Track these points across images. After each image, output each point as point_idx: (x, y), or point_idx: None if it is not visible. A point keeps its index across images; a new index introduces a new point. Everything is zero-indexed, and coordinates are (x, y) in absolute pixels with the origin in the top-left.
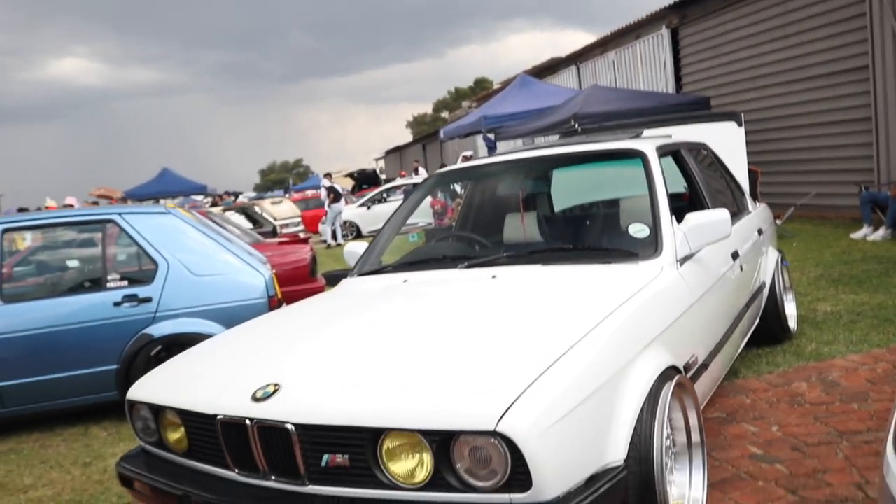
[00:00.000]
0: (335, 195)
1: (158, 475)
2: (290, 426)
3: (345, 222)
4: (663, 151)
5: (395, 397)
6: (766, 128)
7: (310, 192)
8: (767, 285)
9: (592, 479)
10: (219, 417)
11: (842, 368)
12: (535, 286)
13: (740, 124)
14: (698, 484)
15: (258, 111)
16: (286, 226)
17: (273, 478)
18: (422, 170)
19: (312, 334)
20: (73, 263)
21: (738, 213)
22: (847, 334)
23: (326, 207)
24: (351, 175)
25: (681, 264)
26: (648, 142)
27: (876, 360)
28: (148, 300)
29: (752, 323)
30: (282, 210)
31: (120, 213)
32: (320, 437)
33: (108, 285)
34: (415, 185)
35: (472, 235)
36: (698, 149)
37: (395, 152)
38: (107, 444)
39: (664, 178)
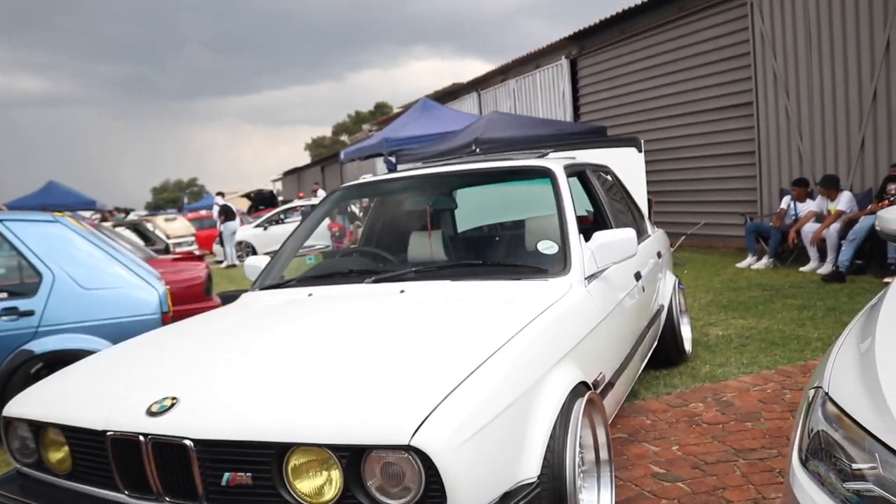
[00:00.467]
0: (227, 214)
1: (35, 499)
2: (188, 442)
3: (240, 243)
4: (570, 171)
5: (302, 411)
6: (658, 158)
7: (204, 212)
8: (665, 308)
9: (506, 497)
10: (109, 434)
11: (735, 389)
12: (445, 301)
13: (640, 150)
14: (606, 502)
15: (152, 127)
16: (180, 244)
17: (167, 499)
18: (321, 192)
19: (213, 348)
20: None
21: (639, 235)
22: (738, 357)
23: (219, 227)
24: (247, 195)
25: (588, 282)
26: (556, 161)
27: (765, 380)
28: (29, 313)
29: (652, 344)
30: (175, 227)
31: (1, 221)
32: (221, 453)
33: None
34: (313, 206)
35: (378, 251)
36: (602, 171)
37: (294, 174)
38: None
39: (572, 196)
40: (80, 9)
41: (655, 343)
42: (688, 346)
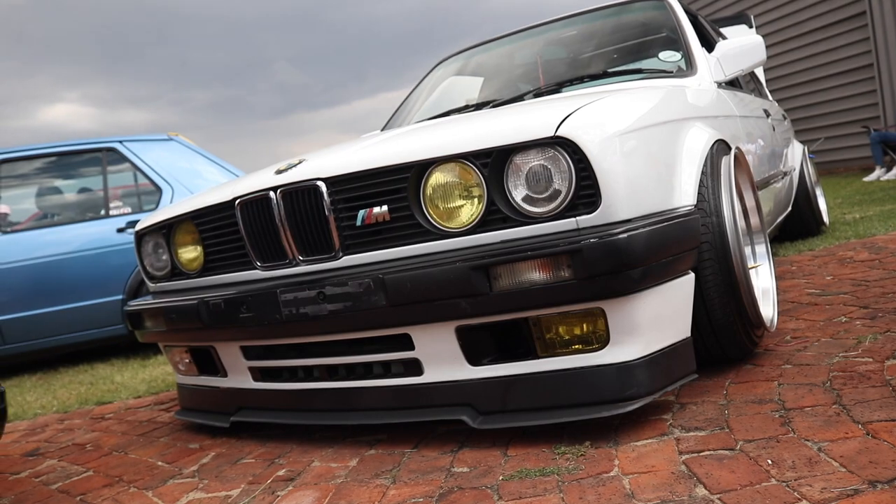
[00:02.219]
0: None
1: (173, 301)
2: (319, 183)
3: None
4: (683, 6)
5: (439, 135)
6: (769, 88)
7: None
8: (797, 172)
9: (663, 214)
10: (238, 201)
11: (886, 240)
12: (571, 96)
13: (751, 26)
14: (766, 273)
15: (248, 147)
16: None
17: (301, 259)
18: None
19: (339, 144)
20: (73, 192)
21: (761, 96)
22: (882, 223)
23: None
24: None
25: (718, 87)
26: None
27: None
28: None
29: (787, 205)
30: None
31: (121, 141)
32: (355, 190)
33: (112, 213)
34: None
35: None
36: (716, 30)
37: None
38: (114, 372)
39: (688, 18)
40: (168, 40)
41: (790, 209)
42: (825, 218)
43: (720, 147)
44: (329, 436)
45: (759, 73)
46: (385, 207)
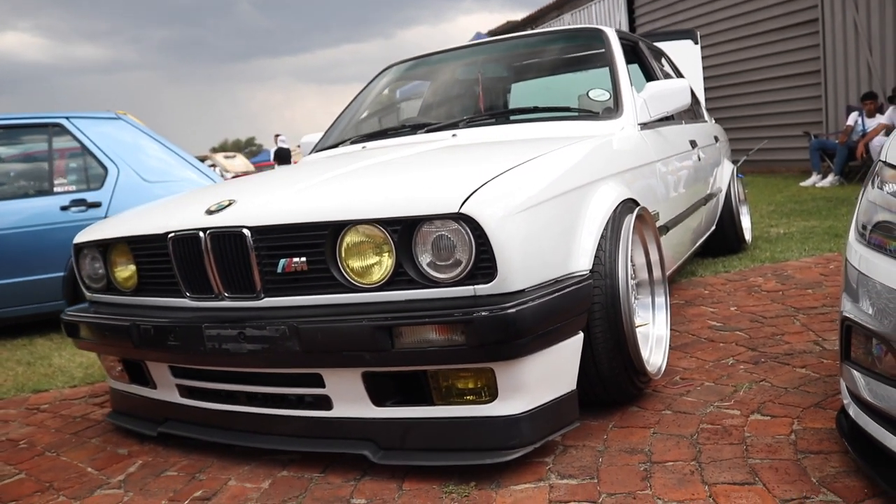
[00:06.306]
0: (281, 158)
1: (107, 317)
2: (245, 231)
3: None
4: (621, 36)
5: (356, 194)
6: (719, 84)
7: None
8: (723, 192)
9: (557, 282)
10: (170, 235)
11: (796, 267)
12: (497, 136)
13: (696, 42)
14: (662, 322)
15: (208, 90)
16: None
17: (227, 295)
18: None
19: (270, 178)
20: (17, 167)
21: (695, 118)
22: (800, 245)
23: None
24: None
25: (642, 129)
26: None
27: (828, 260)
28: (97, 205)
29: (710, 225)
30: (235, 164)
31: (68, 118)
32: (277, 240)
33: (55, 190)
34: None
35: (429, 120)
36: (657, 52)
37: None
38: (52, 350)
39: (623, 54)
40: None
41: (713, 227)
42: (747, 236)
43: (625, 207)
44: (249, 451)
45: (700, 89)
46: (304, 258)
